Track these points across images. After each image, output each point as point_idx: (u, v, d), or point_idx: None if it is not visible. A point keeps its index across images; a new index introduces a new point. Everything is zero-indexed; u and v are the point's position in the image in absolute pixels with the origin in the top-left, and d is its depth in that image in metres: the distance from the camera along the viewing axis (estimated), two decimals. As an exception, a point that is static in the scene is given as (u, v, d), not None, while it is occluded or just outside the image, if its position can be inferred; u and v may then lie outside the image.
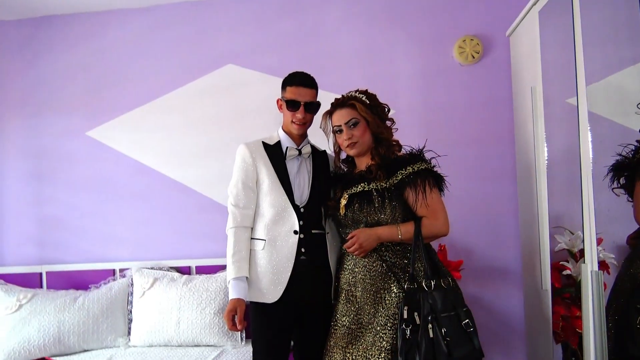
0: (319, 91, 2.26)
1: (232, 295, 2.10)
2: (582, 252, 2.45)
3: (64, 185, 3.36)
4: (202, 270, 3.14)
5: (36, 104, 3.40)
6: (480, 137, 3.03)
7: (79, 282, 3.19)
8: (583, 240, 1.96)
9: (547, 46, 2.40)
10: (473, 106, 3.05)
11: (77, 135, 3.36)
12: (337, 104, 2.16)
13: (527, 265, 2.82)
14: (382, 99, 2.23)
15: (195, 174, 3.27)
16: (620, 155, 2.03)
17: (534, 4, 2.43)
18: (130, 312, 3.01)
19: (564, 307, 2.46)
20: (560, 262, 2.49)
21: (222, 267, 2.97)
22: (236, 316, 2.07)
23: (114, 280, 3.16)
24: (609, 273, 2.25)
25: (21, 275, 3.25)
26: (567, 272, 2.47)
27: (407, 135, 2.23)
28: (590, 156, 1.93)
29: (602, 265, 2.22)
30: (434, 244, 2.54)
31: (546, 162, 2.47)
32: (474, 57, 3.04)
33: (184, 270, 3.16)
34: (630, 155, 2.02)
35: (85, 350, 2.89)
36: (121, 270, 3.21)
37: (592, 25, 1.94)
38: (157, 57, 3.33)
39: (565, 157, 2.35)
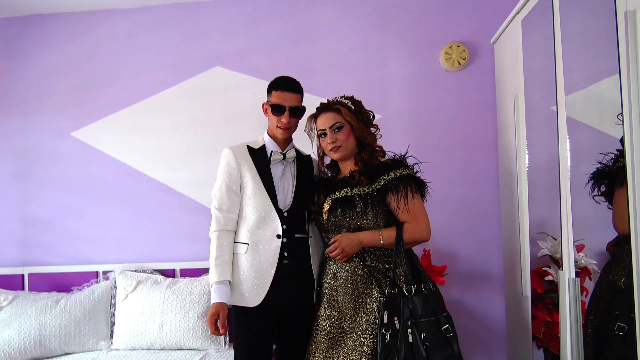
0: (308, 95, 2.27)
1: (215, 299, 2.09)
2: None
3: (48, 186, 3.33)
4: (186, 273, 3.13)
5: (22, 103, 3.37)
6: (464, 142, 3.06)
7: (62, 284, 3.16)
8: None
9: (529, 54, 2.43)
10: (458, 112, 3.08)
11: (63, 136, 3.33)
12: (322, 108, 2.17)
13: (508, 271, 2.84)
14: (370, 102, 2.25)
15: (181, 176, 3.26)
16: (600, 163, 2.05)
17: (517, 12, 2.46)
18: (113, 315, 2.98)
19: (545, 312, 2.48)
20: (543, 268, 2.51)
21: (207, 270, 2.93)
22: (219, 320, 2.07)
23: (97, 282, 3.14)
24: (590, 279, 2.27)
25: (3, 276, 3.22)
26: (549, 277, 2.49)
27: (393, 139, 2.25)
28: (569, 164, 1.96)
29: (585, 271, 2.24)
30: (419, 249, 2.56)
31: (527, 168, 2.49)
32: (460, 64, 3.06)
33: (168, 273, 3.15)
34: (611, 163, 2.04)
35: (66, 354, 2.86)
36: (104, 273, 3.19)
37: (573, 34, 1.96)
38: (144, 58, 3.32)
39: (547, 164, 2.37)
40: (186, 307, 2.85)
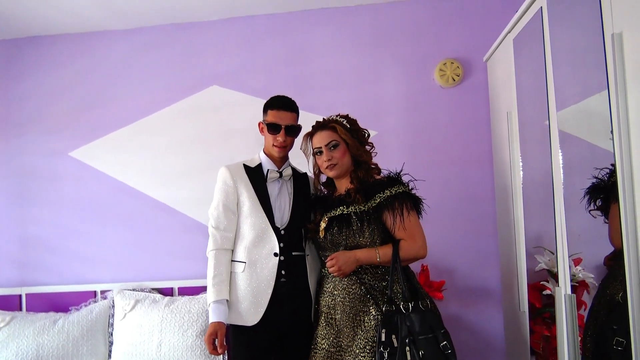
0: (303, 113, 2.29)
1: (213, 318, 2.09)
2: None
3: (46, 206, 3.33)
4: (184, 291, 3.12)
5: (19, 124, 3.39)
6: (460, 158, 3.07)
7: (60, 304, 3.15)
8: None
9: (521, 72, 2.45)
10: (453, 128, 3.09)
11: (61, 156, 3.34)
12: (318, 127, 2.19)
13: (506, 286, 2.84)
14: (365, 119, 2.27)
15: (178, 194, 3.27)
16: (596, 177, 2.07)
17: (509, 31, 2.49)
18: (111, 334, 2.97)
19: (544, 326, 2.47)
20: (541, 282, 2.51)
21: (205, 289, 2.93)
22: (217, 340, 2.07)
23: (95, 302, 3.12)
24: (588, 292, 2.27)
25: (0, 297, 3.21)
26: (547, 292, 2.48)
27: (389, 156, 2.26)
28: (562, 179, 1.97)
29: (582, 284, 2.24)
30: (416, 265, 2.56)
31: (522, 184, 2.50)
32: (454, 80, 3.08)
33: (166, 292, 3.14)
34: (606, 178, 2.05)
35: None
36: (102, 292, 3.17)
37: (563, 52, 1.99)
38: (141, 78, 3.34)
39: (542, 178, 2.38)
40: (185, 326, 2.83)
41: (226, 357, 2.84)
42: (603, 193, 2.08)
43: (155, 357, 2.80)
